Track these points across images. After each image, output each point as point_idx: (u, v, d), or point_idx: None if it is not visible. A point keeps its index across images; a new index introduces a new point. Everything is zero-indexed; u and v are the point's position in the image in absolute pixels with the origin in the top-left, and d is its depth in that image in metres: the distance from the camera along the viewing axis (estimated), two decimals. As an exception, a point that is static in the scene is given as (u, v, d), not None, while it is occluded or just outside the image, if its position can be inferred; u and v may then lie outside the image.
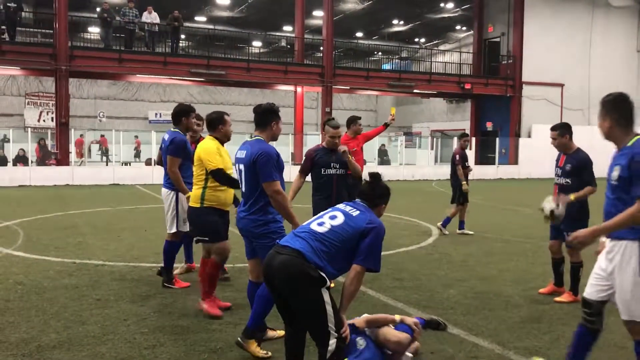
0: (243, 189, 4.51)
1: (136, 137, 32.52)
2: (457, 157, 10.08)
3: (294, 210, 4.43)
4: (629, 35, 31.62)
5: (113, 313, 5.41)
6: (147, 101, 40.57)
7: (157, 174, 22.73)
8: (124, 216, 12.42)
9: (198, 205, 5.32)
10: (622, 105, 3.68)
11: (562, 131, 6.07)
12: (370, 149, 7.60)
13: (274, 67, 27.03)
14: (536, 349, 4.58)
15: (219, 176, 5.22)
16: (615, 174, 3.50)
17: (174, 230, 6.32)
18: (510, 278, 6.98)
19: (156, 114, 40.23)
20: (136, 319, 5.23)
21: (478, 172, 26.86)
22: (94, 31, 31.73)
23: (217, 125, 5.34)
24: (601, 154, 28.03)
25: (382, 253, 5.28)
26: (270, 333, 4.64)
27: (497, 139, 28.80)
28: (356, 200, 3.83)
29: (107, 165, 26.51)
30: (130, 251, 8.44)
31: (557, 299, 5.94)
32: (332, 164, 6.23)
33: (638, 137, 3.55)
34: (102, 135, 31.00)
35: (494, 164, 28.19)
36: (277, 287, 3.47)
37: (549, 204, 5.41)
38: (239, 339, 4.32)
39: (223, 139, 5.39)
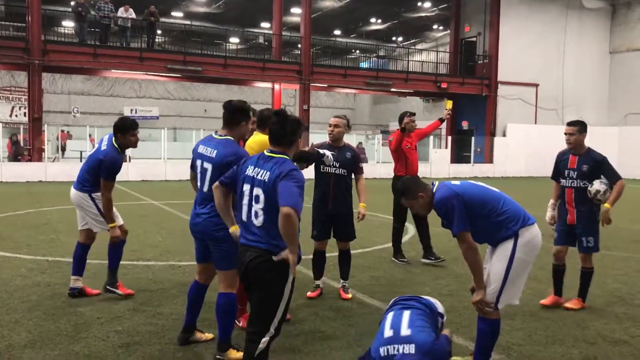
0: (204, 189, 4.18)
1: (62, 130, 31.46)
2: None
3: None
4: (601, 37, 32.20)
5: (86, 311, 5.34)
6: (122, 97, 40.12)
7: (132, 170, 22.54)
8: (98, 213, 12.23)
9: None
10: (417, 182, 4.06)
11: (581, 127, 5.70)
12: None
13: (251, 64, 26.94)
14: (509, 345, 4.65)
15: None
16: None
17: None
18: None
19: (132, 110, 39.77)
20: (110, 317, 5.18)
21: (454, 170, 27.21)
22: (69, 25, 31.22)
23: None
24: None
25: (359, 250, 5.30)
26: (198, 335, 4.52)
27: (473, 138, 29.12)
28: (267, 150, 3.55)
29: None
30: (105, 249, 8.27)
31: (568, 304, 5.63)
32: (332, 162, 5.89)
33: (436, 185, 3.96)
34: (62, 131, 30.51)
35: (469, 162, 28.50)
36: (250, 279, 3.47)
37: (598, 184, 5.37)
38: (217, 357, 4.16)
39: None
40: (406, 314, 3.62)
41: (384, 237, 9.53)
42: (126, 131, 5.80)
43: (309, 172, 6.06)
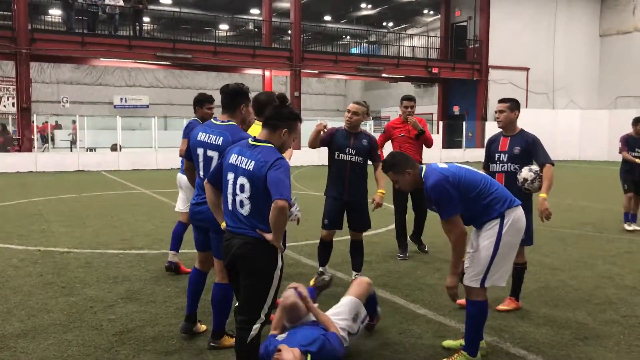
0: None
1: (46, 121, 30.78)
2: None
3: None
4: (591, 21, 32.21)
5: (79, 300, 5.34)
6: (112, 86, 39.82)
7: (123, 160, 22.43)
8: (90, 203, 12.21)
9: None
10: (398, 158, 4.04)
11: (513, 105, 5.24)
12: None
13: (241, 51, 26.74)
14: (501, 327, 4.69)
15: None
16: None
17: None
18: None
19: (121, 99, 39.54)
20: (103, 306, 5.17)
21: (445, 155, 27.23)
22: (56, 14, 30.86)
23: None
24: (566, 134, 28.62)
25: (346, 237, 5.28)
26: (197, 326, 4.50)
27: (464, 123, 29.15)
28: (252, 139, 3.48)
29: (71, 151, 25.96)
30: (97, 238, 8.31)
31: (501, 307, 5.08)
32: (347, 149, 5.68)
33: (424, 169, 3.96)
34: (45, 122, 30.25)
35: (460, 147, 28.54)
36: (238, 267, 3.44)
37: (527, 172, 4.93)
38: (211, 344, 4.19)
39: None
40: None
41: (377, 222, 9.54)
42: (202, 104, 6.05)
43: (321, 159, 6.01)
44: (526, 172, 4.89)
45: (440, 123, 29.62)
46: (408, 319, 4.90)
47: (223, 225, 3.58)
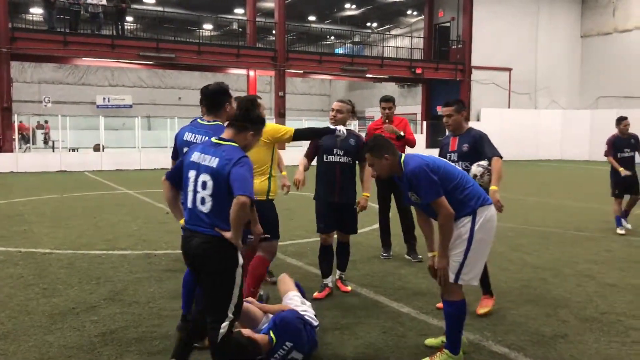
0: None
1: (21, 121, 29.95)
2: None
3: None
4: (572, 22, 32.58)
5: (61, 302, 5.29)
6: (94, 85, 39.48)
7: (105, 160, 22.25)
8: (72, 203, 12.10)
9: (264, 199, 4.78)
10: (379, 142, 4.04)
11: (459, 107, 5.22)
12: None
13: (225, 51, 26.66)
14: (483, 326, 4.73)
15: (304, 132, 5.13)
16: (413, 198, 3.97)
17: None
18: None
19: (104, 99, 39.21)
20: (85, 307, 5.13)
21: (429, 154, 27.36)
22: (37, 12, 30.51)
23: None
24: (548, 134, 28.96)
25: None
26: None
27: (448, 123, 29.29)
28: (216, 138, 3.53)
29: (53, 151, 25.68)
30: (79, 238, 8.24)
31: (481, 311, 4.99)
32: (335, 150, 5.46)
33: (403, 156, 3.97)
34: (21, 122, 29.84)
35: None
36: (196, 265, 3.46)
37: (476, 167, 4.88)
38: (195, 344, 4.14)
39: None
40: None
41: (361, 222, 9.56)
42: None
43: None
44: (475, 168, 4.87)
45: (424, 123, 29.77)
46: (392, 317, 4.92)
47: (181, 222, 3.58)
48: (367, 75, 30.07)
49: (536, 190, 15.36)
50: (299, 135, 4.95)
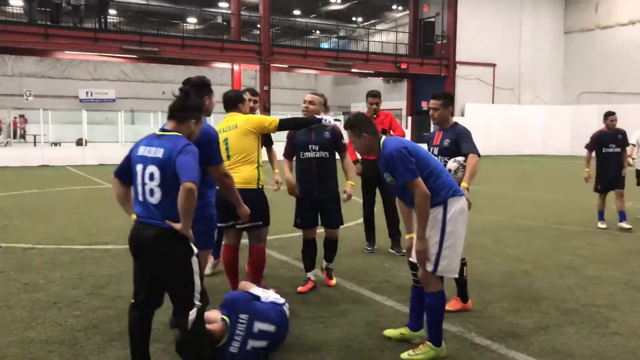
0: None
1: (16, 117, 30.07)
2: None
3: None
4: (556, 18, 32.84)
5: (43, 297, 5.24)
6: (77, 79, 38.95)
7: (88, 155, 22.04)
8: (54, 198, 11.97)
9: (255, 187, 4.85)
10: (361, 120, 4.11)
11: (445, 101, 5.18)
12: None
13: (209, 44, 26.50)
14: (466, 318, 4.77)
15: (289, 122, 5.17)
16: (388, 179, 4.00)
17: None
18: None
19: (87, 93, 38.75)
20: (67, 302, 5.09)
21: (414, 150, 27.49)
22: (17, 4, 30.04)
23: (238, 104, 5.06)
24: (531, 129, 29.15)
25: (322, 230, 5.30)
26: None
27: (432, 118, 29.42)
28: (159, 129, 3.54)
29: (34, 145, 25.38)
30: (62, 233, 8.16)
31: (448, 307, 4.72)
32: (310, 146, 5.38)
33: (384, 137, 4.05)
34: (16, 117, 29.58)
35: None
36: (146, 260, 3.42)
37: (452, 162, 4.86)
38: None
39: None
40: None
41: (347, 216, 9.59)
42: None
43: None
44: (450, 163, 4.87)
45: (409, 118, 29.86)
46: (375, 311, 4.94)
47: (133, 216, 3.56)
48: (353, 70, 30.06)
49: (519, 185, 15.49)
50: (284, 125, 5.00)
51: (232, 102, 5.04)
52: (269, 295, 4.20)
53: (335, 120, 5.39)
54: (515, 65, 31.57)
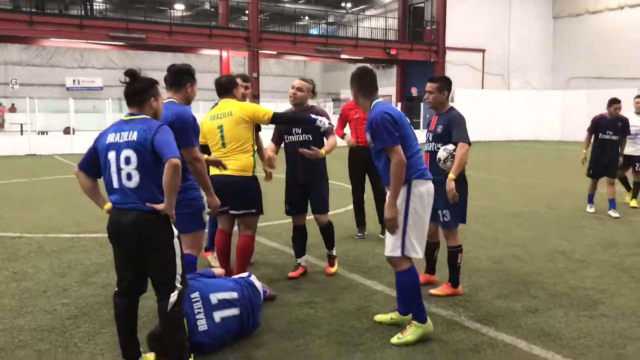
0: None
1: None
2: None
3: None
4: (544, 3, 32.81)
5: (32, 285, 5.21)
6: (63, 67, 38.57)
7: (76, 144, 21.82)
8: (42, 187, 11.88)
9: (250, 175, 4.84)
10: (363, 77, 4.19)
11: (442, 85, 4.98)
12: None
13: (197, 31, 26.24)
14: (455, 302, 4.79)
15: (282, 117, 5.10)
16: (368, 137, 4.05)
17: None
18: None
19: (74, 81, 38.41)
20: (57, 290, 5.06)
21: (404, 136, 27.50)
22: (1, -9, 29.58)
23: (232, 89, 4.97)
24: (520, 115, 29.13)
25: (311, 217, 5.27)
26: None
27: (422, 104, 29.41)
28: (125, 115, 3.49)
29: (21, 134, 25.11)
30: (50, 222, 8.10)
31: (433, 291, 4.97)
32: (294, 130, 5.37)
33: (377, 101, 4.11)
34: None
35: (419, 128, 28.80)
36: (128, 246, 3.37)
37: (442, 151, 4.81)
38: None
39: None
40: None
41: (336, 202, 9.58)
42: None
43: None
44: (441, 152, 4.81)
45: (399, 104, 29.82)
46: (365, 295, 4.96)
47: (105, 207, 3.49)
48: (342, 56, 29.93)
49: (509, 170, 15.56)
50: (277, 118, 4.91)
51: (226, 87, 4.96)
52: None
53: (329, 124, 5.26)
54: (504, 50, 31.57)
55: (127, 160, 3.30)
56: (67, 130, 23.68)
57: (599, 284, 5.30)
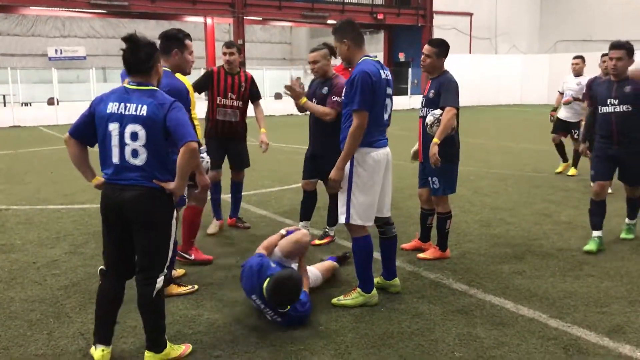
0: None
1: None
2: None
3: None
4: (532, -35, 32.48)
5: (20, 257, 5.20)
6: (45, 36, 37.74)
7: (61, 114, 21.56)
8: (27, 159, 11.75)
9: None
10: (354, 25, 4.06)
11: (440, 51, 4.85)
12: (283, 82, 7.08)
13: (181, -3, 25.70)
14: (444, 265, 4.85)
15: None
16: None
17: None
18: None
19: (56, 51, 37.63)
20: (46, 262, 5.05)
21: (392, 102, 27.39)
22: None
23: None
24: (508, 79, 29.02)
25: (281, 187, 5.22)
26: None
27: (410, 70, 29.26)
28: (130, 82, 3.21)
29: (4, 105, 24.73)
30: (37, 194, 8.04)
31: (421, 255, 5.06)
32: (313, 100, 5.26)
33: (365, 57, 3.96)
34: None
35: (406, 94, 28.72)
36: (127, 220, 3.16)
37: (430, 116, 4.74)
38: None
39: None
40: None
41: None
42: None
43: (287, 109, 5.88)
44: (429, 117, 4.75)
45: (386, 70, 29.64)
46: (355, 261, 4.99)
47: (94, 181, 3.34)
48: (328, 22, 29.52)
49: (496, 135, 15.60)
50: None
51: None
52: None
53: (325, 79, 5.27)
54: (491, 14, 31.33)
55: (134, 136, 3.08)
56: (51, 101, 23.33)
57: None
